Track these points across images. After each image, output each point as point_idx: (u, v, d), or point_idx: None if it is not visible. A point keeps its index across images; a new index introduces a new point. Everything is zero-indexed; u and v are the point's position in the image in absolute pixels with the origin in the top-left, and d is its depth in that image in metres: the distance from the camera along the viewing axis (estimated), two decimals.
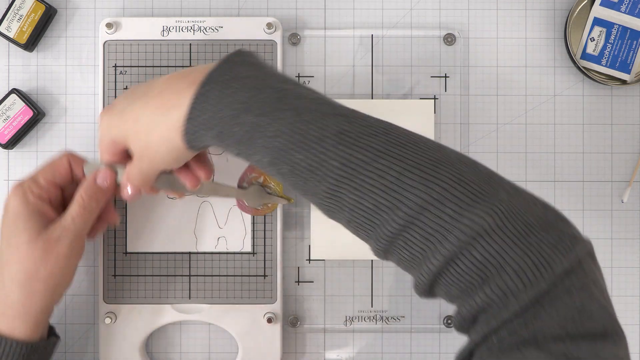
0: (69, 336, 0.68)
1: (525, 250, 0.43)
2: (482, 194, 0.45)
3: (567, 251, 0.43)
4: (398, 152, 0.46)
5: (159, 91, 0.52)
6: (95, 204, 0.58)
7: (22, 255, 0.56)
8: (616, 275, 0.68)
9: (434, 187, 0.45)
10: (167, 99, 0.51)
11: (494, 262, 0.43)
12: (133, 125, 0.53)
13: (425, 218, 0.45)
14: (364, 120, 0.48)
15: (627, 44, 0.68)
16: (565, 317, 0.42)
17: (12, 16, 0.66)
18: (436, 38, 0.68)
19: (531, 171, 0.68)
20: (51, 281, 0.56)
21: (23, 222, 0.56)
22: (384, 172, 0.46)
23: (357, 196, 0.47)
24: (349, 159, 0.46)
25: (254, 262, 0.67)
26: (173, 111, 0.51)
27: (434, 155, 0.47)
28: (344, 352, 0.68)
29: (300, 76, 0.68)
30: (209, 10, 0.69)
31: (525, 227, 0.44)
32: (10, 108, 0.66)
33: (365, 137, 0.47)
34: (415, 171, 0.46)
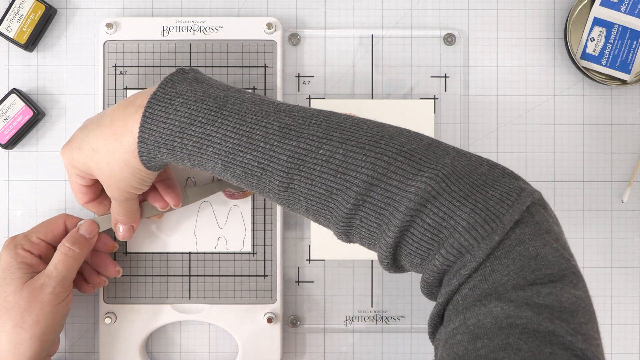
0: (69, 336, 0.68)
1: (473, 207, 0.45)
2: (425, 161, 0.47)
3: (514, 203, 0.45)
4: (340, 135, 0.48)
5: (110, 120, 0.54)
6: (79, 250, 0.61)
7: (9, 305, 0.58)
8: (616, 275, 0.68)
9: (378, 162, 0.47)
10: (119, 126, 0.53)
11: (446, 224, 0.45)
12: (93, 156, 0.55)
13: (374, 194, 0.47)
14: (304, 112, 0.51)
15: (627, 44, 0.68)
16: (522, 266, 0.44)
17: (12, 16, 0.66)
18: (436, 38, 0.68)
19: (531, 171, 0.68)
20: (37, 329, 0.58)
21: (10, 274, 0.59)
22: (330, 156, 0.48)
23: (308, 184, 0.48)
24: (295, 150, 0.48)
25: (254, 262, 0.67)
26: (125, 136, 0.53)
27: (375, 133, 0.48)
28: (344, 352, 0.68)
29: (300, 76, 0.68)
30: (209, 10, 0.69)
31: (471, 187, 0.46)
32: (10, 108, 0.66)
33: (307, 127, 0.49)
34: (358, 150, 0.47)
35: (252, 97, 0.52)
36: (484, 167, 0.48)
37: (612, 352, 0.68)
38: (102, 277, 0.64)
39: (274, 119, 0.50)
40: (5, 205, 0.68)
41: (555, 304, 0.42)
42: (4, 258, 0.59)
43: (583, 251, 0.68)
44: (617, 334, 0.68)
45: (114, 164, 0.54)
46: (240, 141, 0.50)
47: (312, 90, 0.68)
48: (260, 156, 0.49)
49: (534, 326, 0.42)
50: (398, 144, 0.48)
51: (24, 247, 0.60)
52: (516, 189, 0.46)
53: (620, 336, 0.68)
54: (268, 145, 0.49)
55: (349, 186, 0.47)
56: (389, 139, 0.48)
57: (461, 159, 0.48)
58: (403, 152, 0.47)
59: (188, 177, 0.66)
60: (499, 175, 0.47)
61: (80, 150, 0.56)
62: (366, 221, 0.48)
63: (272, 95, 0.67)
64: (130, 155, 0.53)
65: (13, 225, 0.68)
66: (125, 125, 0.53)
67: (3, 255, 0.60)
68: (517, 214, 0.45)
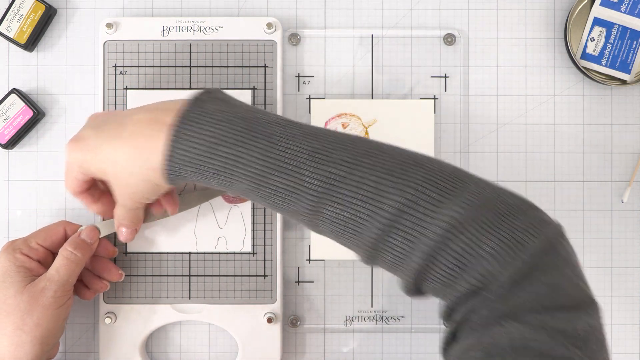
0: (69, 336, 0.68)
1: (498, 235, 0.46)
2: (453, 190, 0.48)
3: (538, 233, 0.47)
4: (369, 162, 0.49)
5: (130, 133, 0.54)
6: (81, 255, 0.61)
7: (9, 308, 0.58)
8: (616, 275, 0.68)
9: (407, 190, 0.47)
10: (142, 142, 0.53)
11: (471, 251, 0.46)
12: (112, 167, 0.55)
13: (404, 220, 0.47)
14: (331, 136, 0.51)
15: (627, 44, 0.68)
16: (541, 293, 0.45)
17: (12, 16, 0.66)
18: (436, 38, 0.68)
19: (531, 171, 0.68)
20: (38, 332, 0.58)
21: (10, 277, 0.59)
22: (361, 182, 0.48)
23: (338, 209, 0.49)
24: (327, 175, 0.49)
25: (254, 262, 0.67)
26: (150, 154, 0.52)
27: (401, 159, 0.49)
28: (344, 352, 0.68)
29: (300, 76, 0.68)
30: (209, 10, 0.69)
31: (496, 215, 0.47)
32: (10, 108, 0.66)
33: (335, 151, 0.50)
34: (388, 177, 0.48)
35: (278, 119, 0.52)
36: (506, 196, 0.49)
37: (612, 352, 0.68)
38: (104, 282, 0.64)
39: (301, 141, 0.50)
40: (5, 205, 0.68)
41: (570, 330, 0.44)
42: (2, 262, 0.59)
43: (583, 251, 0.68)
44: (617, 334, 0.68)
45: (134, 177, 0.54)
46: (270, 164, 0.50)
47: (312, 90, 0.68)
48: (290, 179, 0.49)
49: (547, 350, 0.43)
50: (424, 171, 0.48)
51: (23, 251, 0.60)
52: (539, 220, 0.48)
53: (620, 336, 0.68)
54: (297, 168, 0.49)
55: (379, 212, 0.48)
56: (415, 167, 0.49)
57: (486, 188, 0.49)
58: (430, 180, 0.48)
59: None
60: (521, 205, 0.49)
61: (96, 156, 0.55)
62: (393, 247, 0.48)
63: (272, 95, 0.67)
64: (154, 172, 0.53)
65: (13, 225, 0.68)
66: (149, 142, 0.52)
67: (1, 259, 0.60)
68: (540, 243, 0.46)
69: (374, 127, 0.67)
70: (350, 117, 0.67)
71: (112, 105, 0.66)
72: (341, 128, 0.67)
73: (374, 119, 0.67)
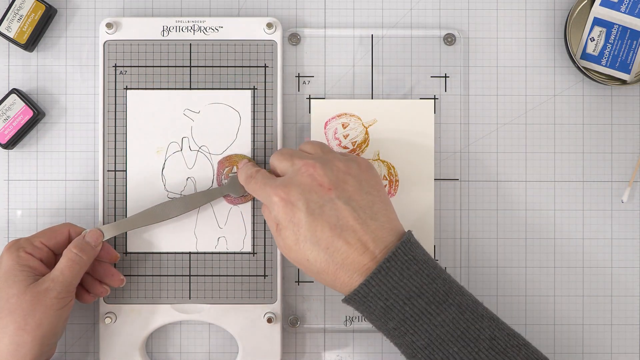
0: (69, 336, 0.68)
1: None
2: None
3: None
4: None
5: (327, 246, 0.56)
6: (86, 257, 0.61)
7: (12, 307, 0.58)
8: (616, 275, 0.68)
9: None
10: (341, 258, 0.56)
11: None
12: (306, 263, 0.57)
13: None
14: (508, 329, 0.55)
15: (627, 44, 0.68)
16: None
17: (12, 16, 0.66)
18: (436, 38, 0.68)
19: (531, 171, 0.69)
20: (39, 332, 0.58)
21: (13, 276, 0.59)
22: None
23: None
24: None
25: (254, 262, 0.67)
26: (357, 267, 0.55)
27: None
28: (344, 352, 0.68)
29: (300, 76, 0.68)
30: (209, 10, 0.69)
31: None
32: (10, 108, 0.66)
33: (511, 348, 0.54)
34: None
35: (465, 291, 0.56)
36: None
37: (612, 352, 0.68)
38: (104, 286, 0.64)
39: (486, 324, 0.54)
40: (5, 205, 0.68)
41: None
42: (6, 260, 0.59)
43: (583, 251, 0.68)
44: (617, 334, 0.68)
45: (323, 273, 0.56)
46: (455, 333, 0.53)
47: (312, 90, 0.68)
48: (467, 354, 0.53)
49: None
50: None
51: (27, 250, 0.60)
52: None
53: (620, 336, 0.68)
54: (477, 348, 0.53)
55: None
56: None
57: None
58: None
59: (188, 178, 0.67)
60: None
61: (296, 246, 0.57)
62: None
63: (272, 95, 0.67)
64: (346, 285, 0.56)
65: (13, 225, 0.68)
66: (349, 261, 0.55)
67: (5, 257, 0.60)
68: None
69: (374, 127, 0.67)
70: (350, 117, 0.67)
71: (112, 105, 0.66)
72: (341, 128, 0.67)
73: (374, 119, 0.67)
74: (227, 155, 0.66)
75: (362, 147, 0.67)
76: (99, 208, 0.66)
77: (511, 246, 0.68)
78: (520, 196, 0.68)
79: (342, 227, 0.56)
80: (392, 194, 0.67)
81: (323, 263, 0.56)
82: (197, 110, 0.67)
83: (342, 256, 0.55)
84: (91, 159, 0.68)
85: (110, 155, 0.66)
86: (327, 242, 0.55)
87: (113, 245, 0.66)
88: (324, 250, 0.55)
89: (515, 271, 0.68)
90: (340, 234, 0.55)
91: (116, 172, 0.66)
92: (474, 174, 0.68)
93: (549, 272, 0.68)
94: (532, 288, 0.68)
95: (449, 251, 0.68)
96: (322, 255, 0.56)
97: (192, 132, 0.67)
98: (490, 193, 0.68)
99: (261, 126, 0.67)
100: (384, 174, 0.67)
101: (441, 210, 0.68)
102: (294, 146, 0.68)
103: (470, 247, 0.68)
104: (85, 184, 0.68)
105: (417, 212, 0.67)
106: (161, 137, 0.67)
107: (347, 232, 0.56)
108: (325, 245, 0.55)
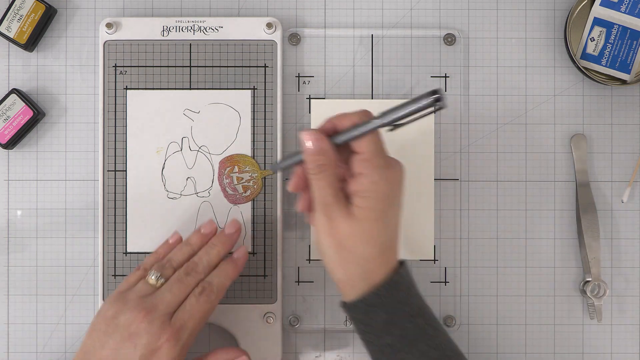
0: (69, 336, 0.68)
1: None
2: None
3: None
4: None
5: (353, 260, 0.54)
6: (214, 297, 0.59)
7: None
8: (616, 275, 0.68)
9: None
10: (366, 264, 0.54)
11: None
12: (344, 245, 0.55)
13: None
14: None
15: (627, 44, 0.68)
16: None
17: (12, 16, 0.66)
18: (436, 38, 0.68)
19: (531, 171, 0.69)
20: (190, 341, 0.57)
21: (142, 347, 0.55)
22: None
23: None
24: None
25: (254, 262, 0.67)
26: (373, 276, 0.54)
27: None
28: (344, 352, 0.68)
29: (300, 76, 0.68)
30: (209, 10, 0.69)
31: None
32: (10, 108, 0.66)
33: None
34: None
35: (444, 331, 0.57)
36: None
37: (612, 352, 0.68)
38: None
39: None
40: (5, 205, 0.68)
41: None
42: (167, 353, 0.55)
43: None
44: (617, 334, 0.68)
45: (337, 272, 0.56)
46: (448, 356, 0.54)
47: (312, 90, 0.68)
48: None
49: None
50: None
51: (189, 341, 0.57)
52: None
53: (620, 336, 0.68)
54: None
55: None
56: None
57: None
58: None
59: (188, 178, 0.67)
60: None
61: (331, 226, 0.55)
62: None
63: (272, 95, 0.67)
64: (354, 285, 0.55)
65: (13, 225, 0.68)
66: (376, 264, 0.54)
67: (165, 349, 0.55)
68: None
69: None
70: None
71: (112, 105, 0.66)
72: None
73: None
74: (229, 155, 0.66)
75: None
76: (99, 208, 0.66)
77: (511, 246, 0.68)
78: (520, 196, 0.68)
79: (394, 233, 0.55)
80: None
81: (378, 251, 0.53)
82: (197, 110, 0.67)
83: (389, 257, 0.55)
84: (91, 159, 0.68)
85: (110, 155, 0.66)
86: (394, 235, 0.55)
87: (113, 244, 0.66)
88: (389, 241, 0.54)
89: (515, 271, 0.68)
90: (393, 240, 0.55)
91: (116, 172, 0.66)
92: (474, 174, 0.68)
93: (549, 272, 0.68)
94: (532, 288, 0.68)
95: (449, 251, 0.68)
96: (385, 244, 0.54)
97: (192, 132, 0.67)
98: (490, 193, 0.68)
99: (261, 126, 0.67)
100: None
101: (441, 210, 0.68)
102: (293, 147, 0.68)
103: (470, 247, 0.68)
104: (85, 184, 0.68)
105: (417, 212, 0.67)
106: (161, 137, 0.67)
107: (394, 239, 0.55)
108: (392, 237, 0.55)
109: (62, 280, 0.68)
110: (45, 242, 0.68)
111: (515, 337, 0.68)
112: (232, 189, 0.66)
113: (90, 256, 0.68)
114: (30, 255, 0.68)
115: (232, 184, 0.66)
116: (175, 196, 0.66)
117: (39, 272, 0.68)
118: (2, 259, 0.68)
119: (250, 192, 0.66)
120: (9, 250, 0.68)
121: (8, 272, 0.68)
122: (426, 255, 0.68)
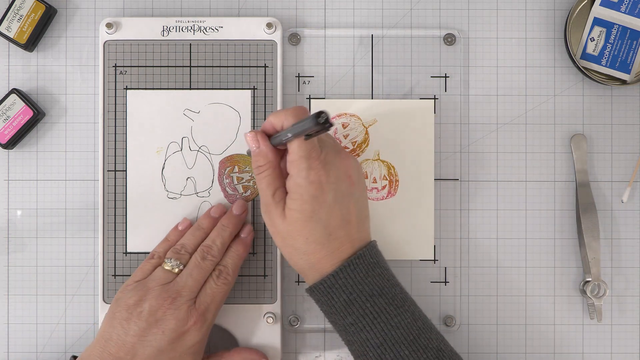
0: (69, 336, 0.68)
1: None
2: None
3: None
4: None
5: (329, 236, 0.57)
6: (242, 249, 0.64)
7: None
8: (616, 275, 0.68)
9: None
10: (319, 256, 0.57)
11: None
12: (300, 241, 0.57)
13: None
14: (452, 348, 0.58)
15: (627, 44, 0.68)
16: None
17: (12, 16, 0.66)
18: (436, 38, 0.68)
19: (531, 171, 0.69)
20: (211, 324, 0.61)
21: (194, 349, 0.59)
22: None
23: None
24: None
25: (254, 262, 0.67)
26: (321, 265, 0.57)
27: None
28: (344, 352, 0.68)
29: (300, 76, 0.68)
30: (209, 10, 0.69)
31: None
32: (10, 108, 0.66)
33: (457, 357, 0.57)
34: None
35: (419, 307, 0.59)
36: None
37: (612, 352, 0.68)
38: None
39: (434, 336, 0.57)
40: (5, 205, 0.68)
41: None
42: (194, 335, 0.59)
43: None
44: (617, 334, 0.68)
45: (298, 263, 0.58)
46: (408, 337, 0.55)
47: (312, 90, 0.68)
48: (415, 359, 0.55)
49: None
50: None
51: (213, 320, 0.60)
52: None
53: (620, 336, 0.68)
54: (425, 356, 0.55)
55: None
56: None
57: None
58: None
59: (188, 178, 0.67)
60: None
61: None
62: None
63: (272, 95, 0.67)
64: (317, 272, 0.57)
65: (13, 225, 0.68)
66: (338, 252, 0.57)
67: (193, 332, 0.59)
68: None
69: (374, 127, 0.67)
70: (350, 117, 0.67)
71: (112, 105, 0.66)
72: (341, 128, 0.67)
73: (374, 119, 0.67)
74: (229, 155, 0.66)
75: (362, 147, 0.67)
76: (99, 208, 0.66)
77: (511, 246, 0.68)
78: (520, 196, 0.68)
79: (347, 221, 0.57)
80: (392, 194, 0.67)
81: (318, 245, 0.56)
82: (197, 110, 0.67)
83: (335, 246, 0.57)
84: (91, 159, 0.68)
85: (110, 155, 0.66)
86: (332, 229, 0.57)
87: (113, 244, 0.66)
88: (327, 235, 0.56)
89: (515, 271, 0.68)
90: (344, 226, 0.57)
91: (116, 172, 0.66)
92: (474, 174, 0.68)
93: (549, 271, 0.68)
94: (532, 288, 0.68)
95: (449, 251, 0.68)
96: (322, 238, 0.56)
97: (192, 132, 0.67)
98: (490, 193, 0.68)
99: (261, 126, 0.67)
100: (384, 174, 0.67)
101: (441, 210, 0.68)
102: None
103: (470, 247, 0.68)
104: (85, 184, 0.68)
105: (417, 212, 0.67)
106: (161, 137, 0.67)
107: (349, 226, 0.57)
108: (329, 231, 0.56)
109: (62, 281, 0.68)
110: (45, 242, 0.68)
111: (515, 337, 0.68)
112: (232, 189, 0.66)
113: (90, 256, 0.68)
114: (30, 255, 0.68)
115: (232, 184, 0.66)
116: (175, 196, 0.66)
117: (39, 272, 0.68)
118: (2, 259, 0.68)
119: (250, 192, 0.66)
120: (9, 250, 0.68)
121: (8, 272, 0.68)
122: (426, 255, 0.68)
